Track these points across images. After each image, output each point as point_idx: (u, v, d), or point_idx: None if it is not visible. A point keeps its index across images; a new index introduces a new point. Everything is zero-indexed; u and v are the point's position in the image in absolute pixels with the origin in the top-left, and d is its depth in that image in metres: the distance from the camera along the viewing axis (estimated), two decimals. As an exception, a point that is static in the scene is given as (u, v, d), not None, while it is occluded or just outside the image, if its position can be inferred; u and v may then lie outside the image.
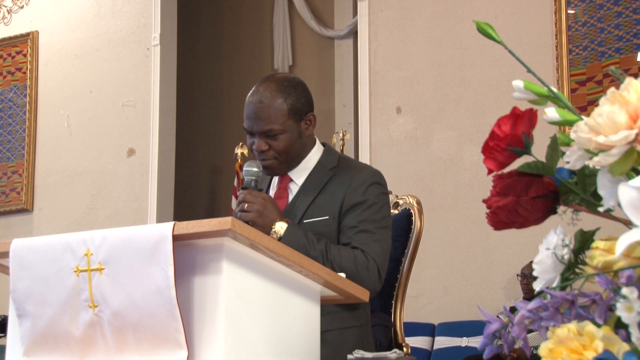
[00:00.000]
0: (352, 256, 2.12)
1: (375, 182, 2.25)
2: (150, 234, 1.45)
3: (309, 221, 2.21)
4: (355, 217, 2.19)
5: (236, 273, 1.49)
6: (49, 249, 1.57)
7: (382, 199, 2.25)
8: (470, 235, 4.91)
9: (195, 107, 7.56)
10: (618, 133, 0.88)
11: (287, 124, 2.22)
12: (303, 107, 2.26)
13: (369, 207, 2.20)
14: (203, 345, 1.45)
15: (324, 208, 2.22)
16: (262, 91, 2.25)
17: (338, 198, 2.21)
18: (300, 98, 2.26)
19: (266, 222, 2.13)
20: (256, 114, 2.22)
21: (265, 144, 2.22)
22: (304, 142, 2.28)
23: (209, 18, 7.73)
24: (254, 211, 2.13)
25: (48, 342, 1.59)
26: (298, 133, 2.25)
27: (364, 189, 2.22)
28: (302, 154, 2.29)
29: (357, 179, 2.24)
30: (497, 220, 1.05)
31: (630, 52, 4.60)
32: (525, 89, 1.07)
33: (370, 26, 5.46)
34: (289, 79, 2.30)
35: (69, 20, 6.37)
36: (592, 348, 0.85)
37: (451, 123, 5.10)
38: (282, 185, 2.32)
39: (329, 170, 2.28)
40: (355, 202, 2.20)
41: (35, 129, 6.33)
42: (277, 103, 2.22)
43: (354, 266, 2.10)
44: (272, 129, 2.21)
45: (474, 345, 4.65)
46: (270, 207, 2.14)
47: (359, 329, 2.22)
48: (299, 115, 2.25)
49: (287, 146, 2.23)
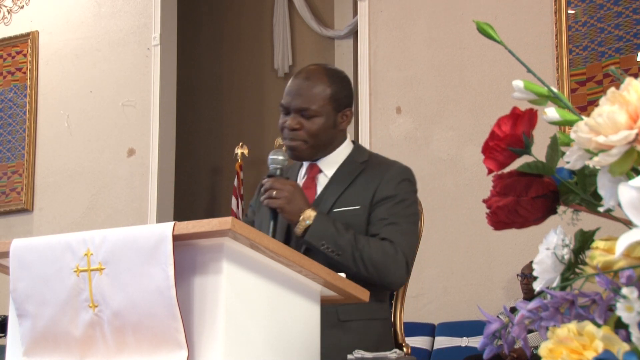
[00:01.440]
0: (381, 247, 2.11)
1: (407, 178, 2.27)
2: (150, 234, 1.45)
3: (339, 210, 2.20)
4: (386, 210, 2.18)
5: (236, 273, 1.49)
6: (49, 249, 1.57)
7: (412, 196, 2.26)
8: (470, 235, 4.91)
9: (195, 107, 7.55)
10: (618, 133, 0.88)
11: (325, 109, 2.23)
12: (344, 99, 2.27)
13: (399, 201, 2.20)
14: (203, 345, 1.45)
15: (354, 198, 2.21)
16: (310, 71, 2.28)
17: (370, 189, 2.21)
18: (344, 90, 2.28)
19: (294, 210, 2.12)
20: (298, 90, 2.23)
21: (298, 122, 2.22)
22: (334, 134, 2.28)
23: (209, 18, 7.73)
24: (283, 198, 2.12)
25: (48, 342, 1.59)
26: (333, 122, 2.25)
27: (395, 183, 2.22)
28: (331, 145, 2.28)
29: (389, 172, 2.25)
30: (497, 220, 1.05)
31: (630, 52, 4.60)
32: (525, 89, 1.07)
33: (370, 26, 5.45)
34: (338, 71, 2.35)
35: (69, 20, 6.37)
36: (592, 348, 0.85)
37: (451, 123, 5.10)
38: (311, 176, 2.31)
39: (360, 164, 2.28)
40: (387, 195, 2.20)
41: (35, 129, 6.33)
42: (322, 86, 2.24)
43: (382, 257, 2.10)
44: (309, 109, 2.21)
45: (474, 345, 4.65)
46: (298, 195, 2.14)
47: (383, 322, 2.24)
48: (338, 105, 2.25)
49: (318, 130, 2.22)
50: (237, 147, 6.75)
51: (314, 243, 2.11)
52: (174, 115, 6.14)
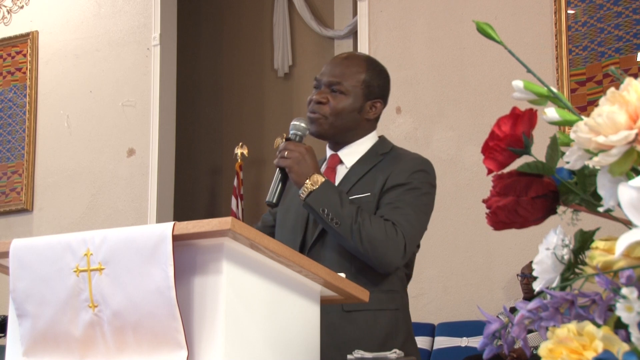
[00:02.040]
0: (383, 226, 2.06)
1: (423, 169, 2.21)
2: (150, 234, 1.45)
3: (351, 198, 2.15)
4: (394, 196, 2.14)
5: (236, 273, 1.49)
6: (49, 249, 1.57)
7: (426, 186, 2.19)
8: (470, 235, 4.91)
9: (195, 107, 7.55)
10: (618, 133, 0.88)
11: (355, 90, 2.21)
12: (378, 89, 2.25)
13: (410, 189, 2.15)
14: (203, 345, 1.45)
15: (367, 186, 2.18)
16: (351, 54, 2.32)
17: (382, 177, 2.17)
18: (380, 81, 2.26)
19: (302, 171, 2.09)
20: (336, 64, 2.25)
21: (325, 96, 2.20)
22: (358, 120, 2.24)
23: (209, 18, 7.73)
24: (293, 158, 2.09)
25: (48, 342, 1.59)
26: (359, 107, 2.23)
27: (409, 172, 2.17)
28: (354, 131, 2.25)
29: (405, 162, 2.21)
30: (497, 220, 1.05)
31: (630, 52, 4.60)
32: (525, 89, 1.07)
33: (370, 26, 5.46)
34: (379, 64, 2.33)
35: (69, 20, 6.37)
36: (592, 348, 0.85)
37: (451, 123, 5.10)
38: (331, 165, 2.28)
39: (379, 155, 2.25)
40: (398, 182, 2.15)
41: (35, 129, 6.33)
42: (358, 68, 2.23)
43: (382, 235, 2.04)
44: (340, 83, 2.20)
45: (474, 345, 4.65)
46: (309, 159, 2.11)
47: (393, 313, 2.16)
48: (369, 92, 2.23)
49: (343, 109, 2.20)
50: (237, 147, 6.75)
51: (314, 207, 2.07)
52: (174, 115, 6.14)
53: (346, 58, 2.27)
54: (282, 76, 7.36)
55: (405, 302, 2.23)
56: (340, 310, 2.10)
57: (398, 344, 2.06)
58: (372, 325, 2.11)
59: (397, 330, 2.14)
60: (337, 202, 2.06)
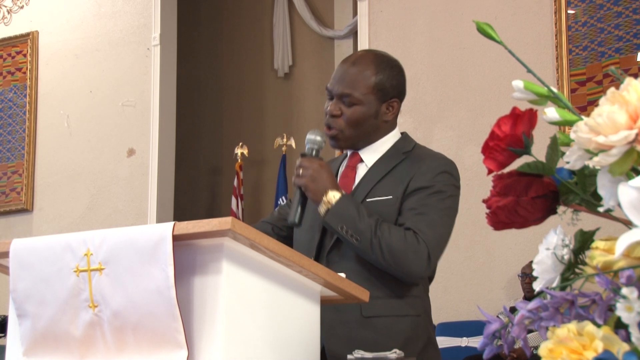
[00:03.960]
0: (403, 236, 2.01)
1: (446, 170, 2.15)
2: (150, 234, 1.45)
3: (371, 200, 2.11)
4: (417, 200, 2.08)
5: (236, 273, 1.49)
6: (49, 249, 1.57)
7: (450, 189, 2.13)
8: (470, 235, 4.91)
9: (195, 107, 7.55)
10: (618, 133, 0.88)
11: (368, 97, 2.14)
12: (391, 89, 2.17)
13: (434, 193, 2.09)
14: (203, 345, 1.45)
15: (388, 188, 2.12)
16: (358, 57, 2.20)
17: (405, 179, 2.11)
18: (392, 80, 2.18)
19: (318, 189, 2.05)
20: (342, 75, 2.16)
21: (338, 108, 2.15)
22: (378, 124, 2.18)
23: (209, 18, 7.72)
24: (308, 176, 2.06)
25: (48, 342, 1.59)
26: (375, 112, 2.16)
27: (433, 175, 2.11)
28: (374, 135, 2.20)
29: (428, 163, 2.15)
30: (497, 220, 1.05)
31: (630, 52, 4.60)
32: (525, 89, 1.07)
33: (370, 26, 5.46)
34: (389, 58, 2.23)
35: (69, 20, 6.37)
36: (592, 348, 0.85)
37: (451, 123, 5.10)
38: (351, 164, 2.23)
39: (401, 154, 2.19)
40: (421, 185, 2.09)
41: (35, 129, 6.33)
42: (367, 73, 2.15)
43: (402, 246, 2.00)
44: (350, 95, 2.13)
45: (474, 345, 4.65)
46: (325, 175, 2.06)
47: (414, 319, 2.11)
48: (383, 94, 2.16)
49: (358, 120, 2.15)
50: (237, 147, 6.75)
51: (333, 225, 2.03)
52: (174, 115, 6.14)
53: (353, 64, 2.17)
54: (282, 76, 7.36)
55: (426, 307, 2.18)
56: (360, 316, 2.07)
57: (418, 350, 2.04)
58: (392, 330, 2.06)
59: (417, 335, 2.09)
60: (355, 217, 2.01)
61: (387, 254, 2.00)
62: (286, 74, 7.35)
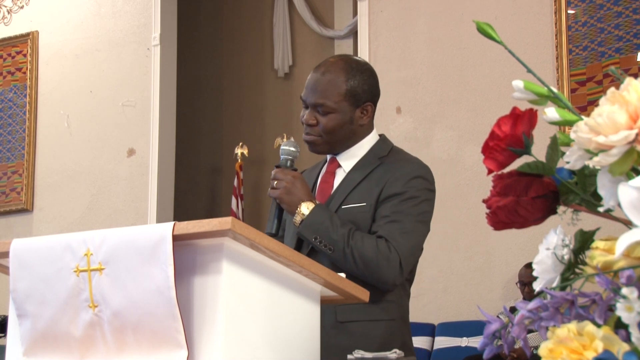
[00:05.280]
0: (375, 245, 2.04)
1: (420, 175, 2.17)
2: (150, 234, 1.45)
3: (347, 207, 2.15)
4: (391, 207, 2.11)
5: (236, 273, 1.49)
6: (49, 249, 1.57)
7: (424, 193, 2.16)
8: (470, 235, 4.91)
9: (195, 107, 7.56)
10: (618, 133, 0.88)
11: (341, 105, 2.17)
12: (363, 94, 2.19)
13: (407, 199, 2.12)
14: (203, 345, 1.45)
15: (363, 195, 2.15)
16: (328, 65, 2.21)
17: (379, 186, 2.14)
18: (363, 84, 2.20)
19: (293, 201, 2.09)
20: (314, 85, 2.18)
21: (313, 117, 2.18)
22: (354, 129, 2.21)
23: (209, 18, 7.73)
24: (282, 188, 2.10)
25: (48, 342, 1.59)
26: (350, 118, 2.19)
27: (406, 180, 2.14)
28: (351, 139, 2.23)
29: (401, 169, 2.17)
30: (497, 220, 1.05)
31: (630, 52, 4.60)
32: (525, 89, 1.07)
33: (370, 26, 5.46)
34: (360, 63, 2.25)
35: (69, 20, 6.37)
36: (592, 348, 0.85)
37: (451, 123, 5.10)
38: (330, 170, 2.27)
39: (377, 159, 2.21)
40: (394, 192, 2.12)
41: (35, 129, 6.33)
42: (338, 81, 2.17)
43: (374, 255, 2.03)
44: (323, 104, 2.16)
45: (474, 345, 4.65)
46: (299, 186, 2.10)
47: (388, 323, 2.14)
48: (356, 100, 2.18)
49: (334, 127, 2.17)
50: (237, 147, 6.75)
51: (307, 236, 2.07)
52: (174, 115, 6.14)
53: (324, 73, 2.19)
54: (282, 76, 7.36)
55: (402, 311, 2.21)
56: (334, 321, 2.09)
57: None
58: (366, 335, 2.09)
59: (392, 340, 2.11)
60: (328, 228, 2.05)
61: (360, 263, 2.04)
62: (286, 74, 7.35)
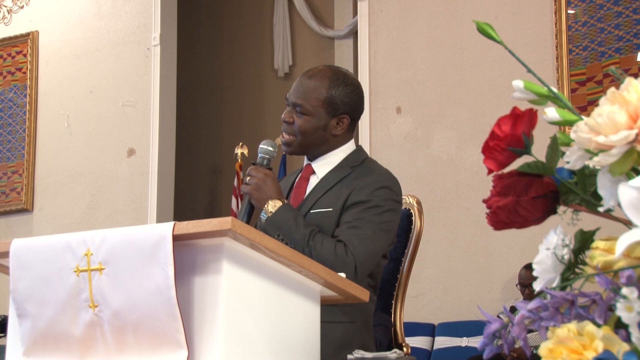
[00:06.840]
0: (333, 248, 2.09)
1: (386, 186, 2.22)
2: (150, 234, 1.45)
3: (315, 211, 2.22)
4: (354, 214, 2.17)
5: (236, 273, 1.49)
6: (49, 249, 1.57)
7: (388, 203, 2.20)
8: (470, 235, 4.91)
9: (195, 107, 7.56)
10: (618, 133, 0.88)
11: (317, 110, 2.25)
12: (342, 105, 2.26)
13: (371, 207, 2.17)
14: (203, 345, 1.45)
15: (331, 200, 2.22)
16: (317, 71, 2.30)
17: (346, 193, 2.20)
18: (344, 97, 2.27)
19: (262, 197, 2.17)
20: (298, 86, 2.28)
21: (291, 116, 2.28)
22: (326, 137, 2.28)
23: (209, 18, 7.73)
24: (253, 184, 2.18)
25: (48, 342, 1.59)
26: (324, 125, 2.26)
27: (371, 189, 2.19)
28: (324, 146, 2.30)
29: (368, 179, 2.23)
30: (497, 220, 1.05)
31: (630, 52, 4.60)
32: (525, 89, 1.07)
33: (370, 26, 5.46)
34: (347, 76, 2.32)
35: (69, 20, 6.37)
36: (592, 348, 0.85)
37: (451, 123, 5.10)
38: (304, 175, 2.34)
39: (349, 168, 2.28)
40: (359, 200, 2.18)
41: (35, 129, 6.33)
42: (320, 87, 2.26)
43: (331, 257, 2.07)
44: (301, 105, 2.25)
45: (474, 345, 4.65)
46: (269, 184, 2.18)
47: (347, 326, 2.16)
48: (333, 109, 2.26)
49: (307, 129, 2.26)
50: (237, 147, 6.75)
51: (270, 232, 2.13)
52: (174, 115, 6.14)
53: (310, 77, 2.28)
54: (282, 76, 7.36)
55: (365, 315, 2.22)
56: None
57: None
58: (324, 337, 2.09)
59: (350, 342, 2.12)
60: (291, 227, 2.12)
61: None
62: (286, 74, 7.35)
